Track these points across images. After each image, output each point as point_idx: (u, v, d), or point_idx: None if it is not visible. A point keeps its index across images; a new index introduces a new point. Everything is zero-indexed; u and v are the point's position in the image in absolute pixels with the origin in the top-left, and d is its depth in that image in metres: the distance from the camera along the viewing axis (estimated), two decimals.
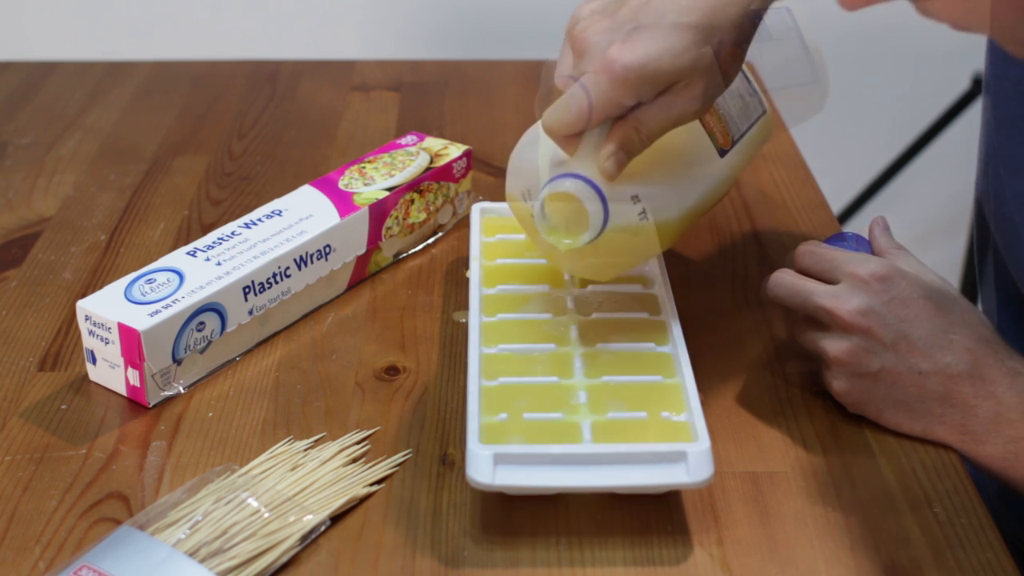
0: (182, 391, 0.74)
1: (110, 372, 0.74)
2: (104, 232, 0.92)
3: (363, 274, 0.86)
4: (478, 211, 0.85)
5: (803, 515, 0.65)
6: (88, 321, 0.73)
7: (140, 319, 0.71)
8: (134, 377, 0.72)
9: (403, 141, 0.92)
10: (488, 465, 0.61)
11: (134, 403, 0.73)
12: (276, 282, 0.78)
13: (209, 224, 0.93)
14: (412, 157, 0.89)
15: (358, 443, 0.70)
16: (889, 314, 0.68)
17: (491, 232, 0.83)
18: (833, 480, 0.68)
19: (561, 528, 0.64)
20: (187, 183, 1.00)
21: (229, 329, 0.76)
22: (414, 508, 0.66)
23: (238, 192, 0.99)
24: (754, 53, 0.70)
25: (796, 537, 0.64)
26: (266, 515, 0.62)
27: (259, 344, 0.79)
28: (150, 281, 0.75)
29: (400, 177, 0.86)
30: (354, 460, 0.68)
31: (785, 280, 0.73)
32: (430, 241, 0.90)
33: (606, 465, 0.62)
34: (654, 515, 0.65)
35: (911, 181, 1.94)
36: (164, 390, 0.73)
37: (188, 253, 0.78)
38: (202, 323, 0.74)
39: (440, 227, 0.91)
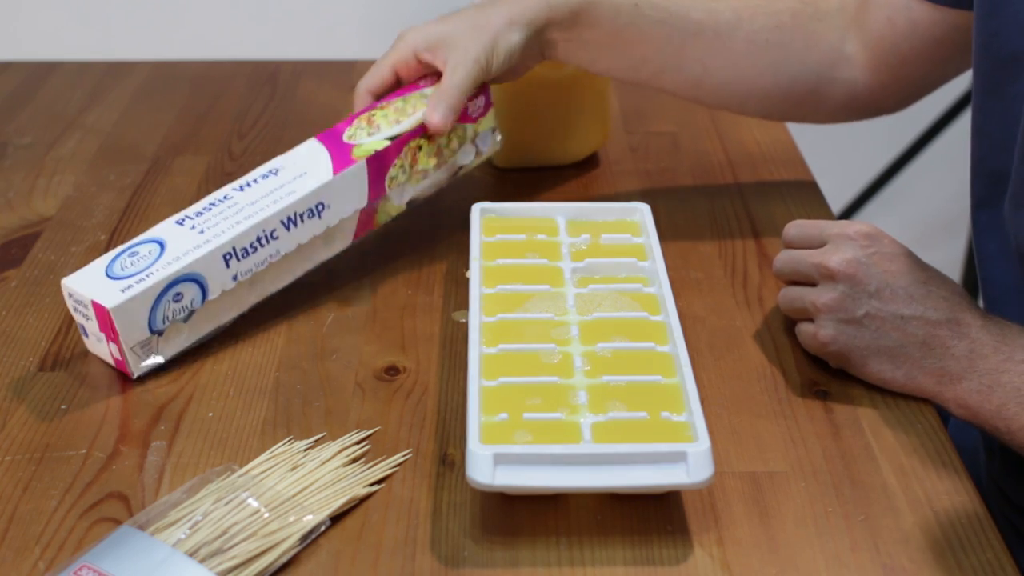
0: (162, 361, 0.75)
1: (98, 345, 0.75)
2: (104, 232, 0.92)
3: (371, 225, 0.84)
4: (478, 211, 0.84)
5: (803, 515, 0.65)
6: (71, 299, 0.74)
7: (111, 296, 0.72)
8: (115, 350, 0.74)
9: (423, 83, 0.88)
10: (488, 465, 0.61)
11: (134, 403, 0.73)
12: (261, 245, 0.77)
13: None
14: (426, 100, 0.86)
15: (358, 443, 0.70)
16: (873, 265, 0.73)
17: (491, 232, 0.83)
18: (833, 480, 0.68)
19: (561, 528, 0.64)
20: (187, 183, 1.00)
21: (212, 297, 0.76)
22: (414, 508, 0.66)
23: None
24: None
25: (796, 537, 0.64)
26: (266, 515, 0.62)
27: (257, 306, 0.79)
28: (133, 254, 0.75)
29: (405, 124, 0.84)
30: (354, 460, 0.68)
31: (782, 256, 0.79)
32: (457, 174, 0.89)
33: (606, 465, 0.62)
34: (654, 515, 0.65)
35: (911, 181, 1.93)
36: (145, 360, 0.74)
37: (177, 222, 0.78)
38: (179, 294, 0.74)
39: (460, 168, 0.89)
